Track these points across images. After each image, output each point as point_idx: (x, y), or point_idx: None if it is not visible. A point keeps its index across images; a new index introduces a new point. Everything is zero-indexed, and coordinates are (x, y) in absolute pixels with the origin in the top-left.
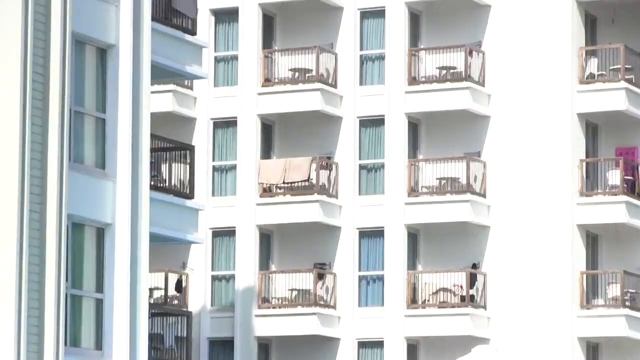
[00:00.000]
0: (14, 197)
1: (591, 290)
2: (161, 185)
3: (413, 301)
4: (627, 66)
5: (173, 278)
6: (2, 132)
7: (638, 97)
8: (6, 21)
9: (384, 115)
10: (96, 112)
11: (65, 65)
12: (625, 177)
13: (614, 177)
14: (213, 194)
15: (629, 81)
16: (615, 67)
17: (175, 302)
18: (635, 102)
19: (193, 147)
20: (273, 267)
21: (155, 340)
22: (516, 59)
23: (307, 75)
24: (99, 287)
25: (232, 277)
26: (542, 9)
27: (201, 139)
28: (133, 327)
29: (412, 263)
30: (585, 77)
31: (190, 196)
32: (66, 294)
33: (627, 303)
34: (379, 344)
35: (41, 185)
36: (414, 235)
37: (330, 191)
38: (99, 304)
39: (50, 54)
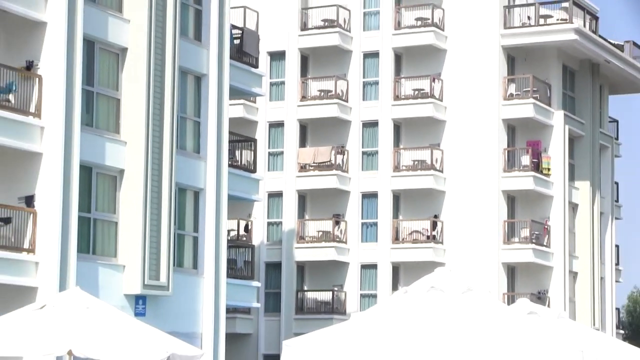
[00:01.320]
0: (140, 172)
1: (510, 232)
2: (235, 164)
3: (396, 239)
4: (534, 89)
5: (242, 223)
6: (134, 130)
7: (541, 109)
8: (137, 60)
9: (378, 120)
10: (194, 117)
11: (174, 87)
12: (533, 160)
13: (525, 159)
14: (268, 170)
15: (535, 99)
16: (526, 89)
17: (244, 238)
18: (540, 112)
19: (255, 140)
20: (306, 217)
21: (230, 262)
22: (463, 84)
23: (328, 94)
24: (196, 229)
25: (280, 222)
26: (479, 51)
27: (261, 134)
28: (217, 254)
29: (395, 214)
30: (507, 95)
31: (253, 171)
32: (175, 233)
33: (534, 240)
34: (374, 266)
35: (159, 163)
36: (397, 197)
37: (343, 168)
38: (196, 240)
39: (165, 79)
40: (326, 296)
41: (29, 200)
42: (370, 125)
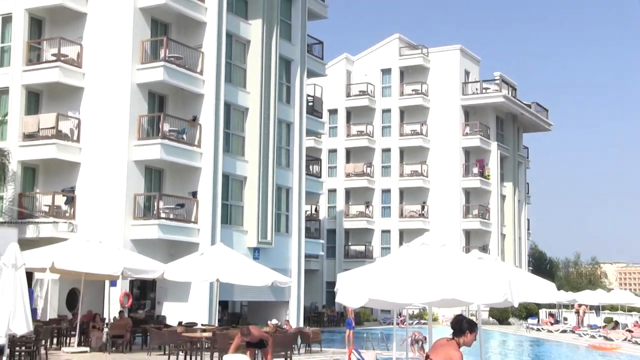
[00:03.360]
0: (256, 178)
1: (467, 211)
2: (309, 173)
3: (401, 215)
4: (480, 130)
5: (314, 207)
6: (252, 153)
7: (484, 141)
8: (253, 115)
9: (390, 148)
10: (286, 146)
11: (275, 130)
12: (479, 170)
13: (475, 170)
14: (328, 176)
15: (480, 135)
16: (475, 130)
17: (315, 215)
18: (483, 143)
19: (320, 159)
20: (350, 203)
21: (307, 229)
22: (439, 127)
23: (362, 133)
24: (287, 209)
25: (335, 206)
26: (448, 109)
27: (324, 156)
28: (299, 224)
29: (401, 201)
30: (464, 133)
31: (319, 177)
32: (275, 212)
33: (480, 216)
34: (389, 232)
35: (266, 173)
36: (402, 191)
37: (371, 175)
38: (287, 216)
39: (270, 125)
40: (361, 248)
41: (194, 194)
42: (386, 151)
